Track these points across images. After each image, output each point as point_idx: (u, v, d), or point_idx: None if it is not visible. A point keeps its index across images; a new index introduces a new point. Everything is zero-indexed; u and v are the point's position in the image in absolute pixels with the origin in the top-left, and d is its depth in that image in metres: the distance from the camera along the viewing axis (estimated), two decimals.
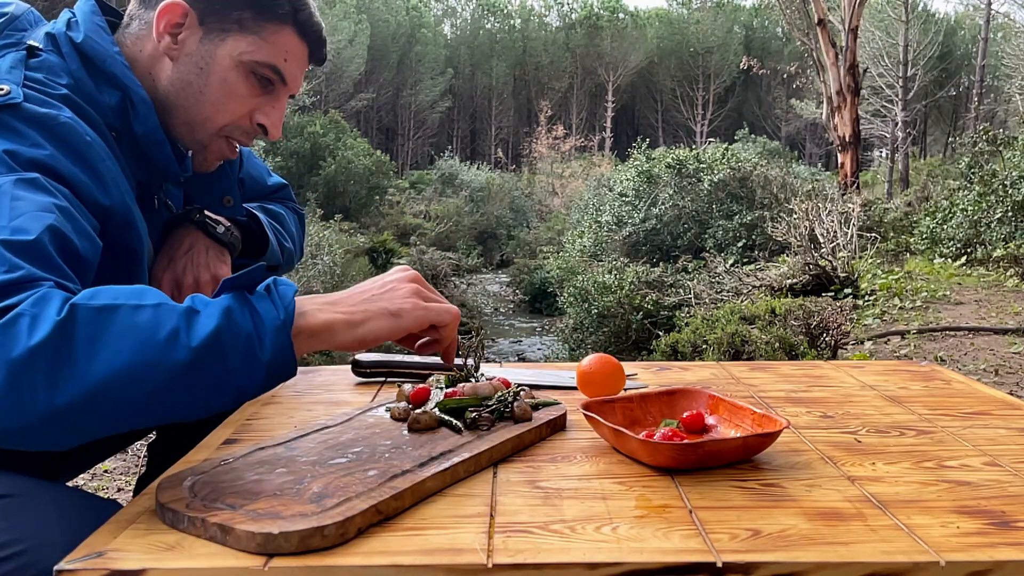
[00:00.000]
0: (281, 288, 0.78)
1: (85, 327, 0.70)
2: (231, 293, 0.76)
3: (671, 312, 7.36)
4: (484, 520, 0.73)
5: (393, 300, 0.83)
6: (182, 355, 0.71)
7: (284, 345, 0.75)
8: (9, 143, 0.84)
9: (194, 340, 0.71)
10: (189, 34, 1.01)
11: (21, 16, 0.98)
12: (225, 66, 1.01)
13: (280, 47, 1.03)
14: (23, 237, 0.77)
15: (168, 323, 0.72)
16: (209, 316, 0.73)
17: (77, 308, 0.71)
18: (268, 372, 0.75)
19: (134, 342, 0.70)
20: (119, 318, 0.71)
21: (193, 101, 1.02)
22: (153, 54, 1.02)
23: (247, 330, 0.74)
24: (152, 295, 0.74)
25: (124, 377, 0.70)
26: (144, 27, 1.02)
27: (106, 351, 0.69)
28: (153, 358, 0.70)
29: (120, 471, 2.77)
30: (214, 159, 1.09)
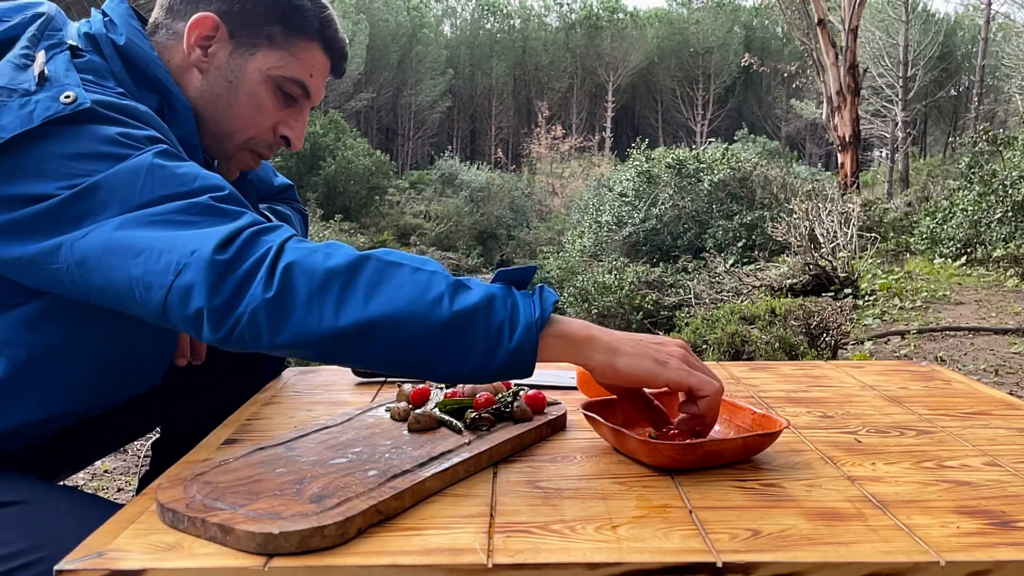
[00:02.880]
0: (546, 293, 0.82)
1: (372, 272, 0.78)
2: (501, 283, 0.82)
3: (671, 312, 7.36)
4: (484, 520, 0.73)
5: (661, 352, 0.85)
6: (441, 317, 0.77)
7: (530, 340, 0.78)
8: (115, 128, 0.85)
9: (455, 307, 0.77)
10: (219, 47, 1.01)
11: (55, 16, 0.97)
12: (254, 80, 1.02)
13: (307, 63, 1.04)
14: (222, 192, 0.84)
15: (438, 288, 0.78)
16: (473, 294, 0.79)
17: (372, 257, 0.80)
18: (508, 360, 0.78)
19: (408, 295, 0.77)
20: (401, 273, 0.79)
21: (222, 113, 1.03)
22: (182, 65, 1.02)
23: (502, 317, 0.78)
24: (433, 264, 0.81)
25: (392, 320, 0.76)
26: (172, 37, 1.02)
27: (385, 295, 0.77)
28: (418, 311, 0.77)
29: (120, 471, 2.77)
30: (237, 169, 1.10)
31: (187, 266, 0.76)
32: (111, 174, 0.81)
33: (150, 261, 0.77)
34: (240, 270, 0.76)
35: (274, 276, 0.76)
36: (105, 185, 0.81)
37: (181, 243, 0.77)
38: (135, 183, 0.81)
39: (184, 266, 0.76)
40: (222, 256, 0.76)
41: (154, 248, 0.78)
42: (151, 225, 0.79)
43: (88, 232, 0.80)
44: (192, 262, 0.76)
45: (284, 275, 0.76)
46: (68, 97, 0.84)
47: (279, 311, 0.76)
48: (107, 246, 0.79)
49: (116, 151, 0.83)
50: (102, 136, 0.84)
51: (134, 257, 0.78)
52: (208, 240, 0.77)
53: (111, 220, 0.80)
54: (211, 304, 0.75)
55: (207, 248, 0.76)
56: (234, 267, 0.76)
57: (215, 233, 0.78)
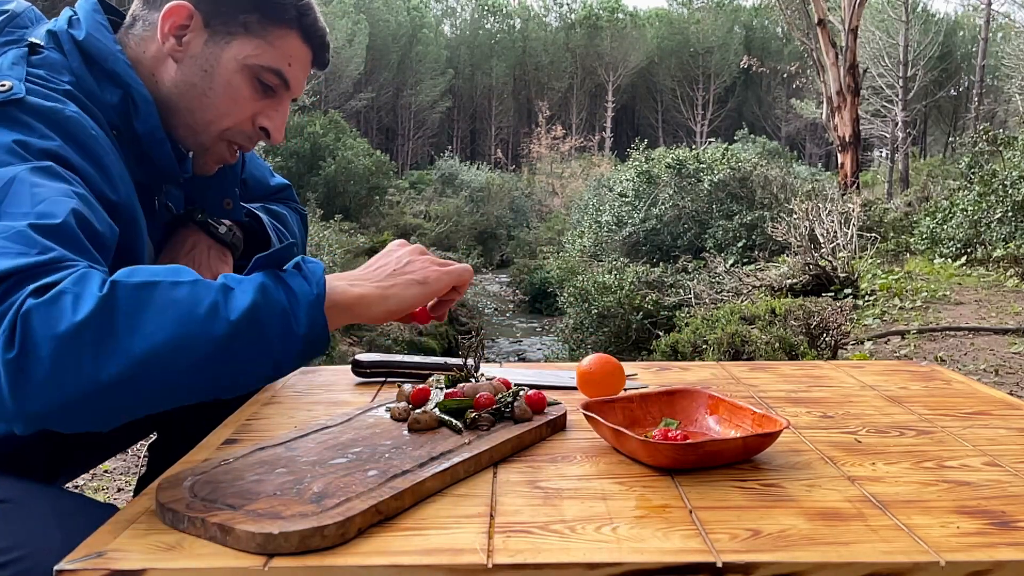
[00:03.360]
0: (310, 265, 0.80)
1: (127, 303, 0.71)
2: (263, 270, 0.78)
3: (671, 312, 7.36)
4: (484, 520, 0.73)
5: (415, 271, 0.88)
6: (222, 328, 0.72)
7: (318, 318, 0.77)
8: (18, 134, 0.84)
9: (232, 314, 0.73)
10: (194, 36, 1.00)
11: (22, 14, 0.97)
12: (230, 69, 1.01)
13: (285, 51, 1.03)
14: (50, 221, 0.77)
15: (206, 298, 0.73)
16: (244, 291, 0.75)
17: (118, 285, 0.72)
18: (304, 345, 0.77)
19: (175, 316, 0.71)
20: (159, 294, 0.72)
21: (197, 103, 1.02)
22: (157, 55, 1.01)
23: (282, 304, 0.76)
24: (187, 273, 0.76)
25: (167, 351, 0.70)
26: (148, 28, 1.02)
27: (148, 325, 0.70)
28: (194, 331, 0.71)
29: (120, 471, 2.77)
30: (214, 163, 1.09)
31: None
32: None
33: None
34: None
35: (15, 331, 0.67)
36: None
37: None
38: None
39: None
40: None
41: None
42: None
43: None
44: None
45: (24, 329, 0.67)
46: (3, 86, 0.85)
47: (22, 373, 0.67)
48: None
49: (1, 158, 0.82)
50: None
51: None
52: None
53: None
54: None
55: None
56: None
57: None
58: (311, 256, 0.88)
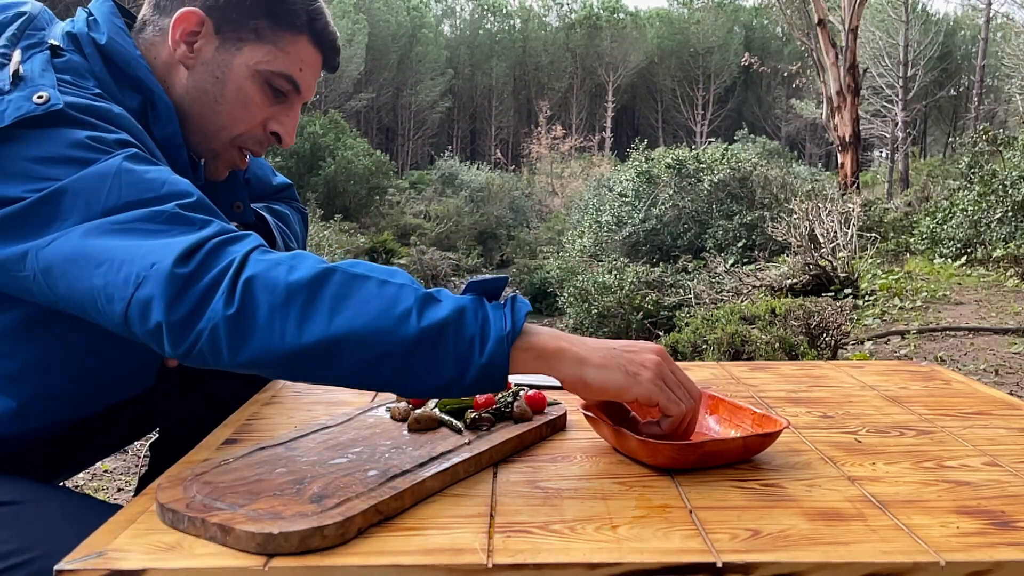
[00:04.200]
0: (518, 304, 0.81)
1: (337, 286, 0.76)
2: (472, 295, 0.80)
3: (671, 312, 7.36)
4: (484, 520, 0.73)
5: (633, 363, 0.82)
6: (409, 332, 0.75)
7: (502, 354, 0.77)
8: (86, 131, 0.84)
9: (423, 322, 0.75)
10: (205, 43, 1.00)
11: (38, 16, 0.96)
12: (241, 75, 1.00)
13: (296, 57, 1.03)
14: (189, 199, 0.82)
15: (406, 302, 0.76)
16: (443, 307, 0.77)
17: (336, 270, 0.78)
18: (479, 374, 0.77)
19: (375, 310, 0.75)
20: (367, 287, 0.77)
21: (209, 110, 1.01)
22: (168, 61, 1.01)
23: (472, 331, 0.77)
24: (401, 276, 0.80)
25: (358, 337, 0.75)
26: (158, 33, 1.01)
27: (350, 311, 0.75)
28: (385, 327, 0.75)
29: (120, 471, 2.77)
30: (225, 168, 1.09)
31: (146, 279, 0.74)
32: (78, 179, 0.80)
33: (111, 272, 0.76)
34: (200, 284, 0.75)
35: (235, 291, 0.74)
36: (71, 190, 0.80)
37: (142, 254, 0.76)
38: (101, 189, 0.80)
39: (144, 279, 0.75)
40: (182, 269, 0.75)
41: (115, 259, 0.76)
42: (114, 234, 0.78)
43: (53, 240, 0.79)
44: (152, 275, 0.74)
45: (245, 290, 0.74)
46: (41, 97, 0.83)
47: (240, 328, 0.74)
48: (70, 255, 0.78)
49: (84, 155, 0.82)
50: (71, 140, 0.83)
51: (96, 267, 0.77)
52: (169, 252, 0.75)
53: (76, 228, 0.79)
54: (170, 319, 0.74)
55: (167, 260, 0.75)
56: (194, 281, 0.75)
57: (177, 244, 0.76)
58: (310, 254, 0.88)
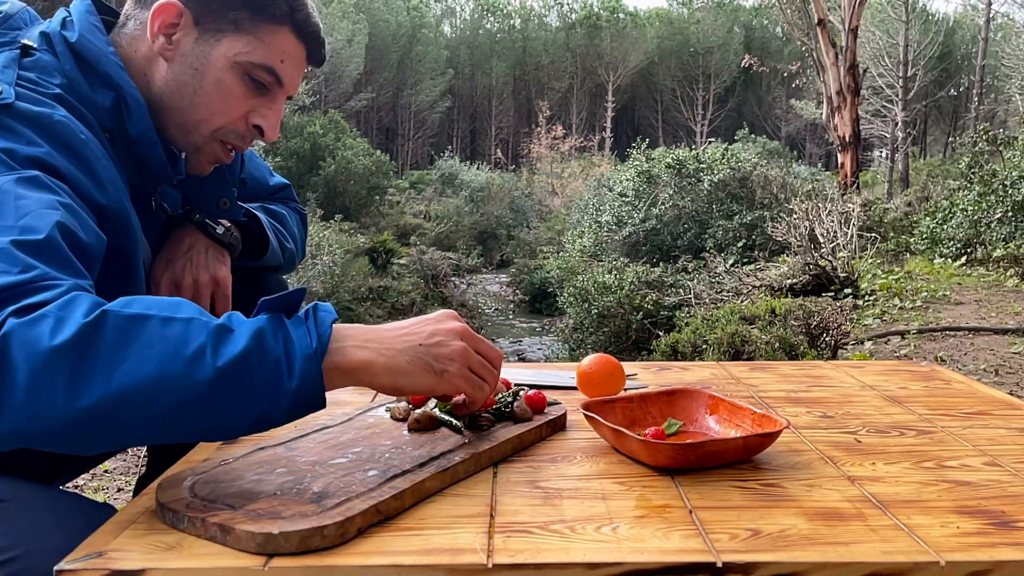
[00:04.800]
0: (320, 314, 0.76)
1: (112, 334, 0.69)
2: (268, 314, 0.74)
3: (671, 312, 7.36)
4: (484, 520, 0.73)
5: (439, 357, 0.81)
6: (206, 374, 0.69)
7: (314, 374, 0.72)
8: (5, 142, 0.83)
9: (220, 360, 0.69)
10: (184, 34, 1.00)
11: (16, 15, 0.97)
12: (220, 67, 1.00)
13: (277, 48, 1.02)
14: (33, 236, 0.76)
15: (196, 339, 0.70)
16: (240, 336, 0.71)
17: (107, 314, 0.70)
18: (294, 400, 0.72)
19: (160, 355, 0.69)
20: (148, 329, 0.70)
21: (188, 102, 1.01)
22: (148, 54, 1.01)
23: (276, 354, 0.71)
24: (187, 309, 0.73)
25: (145, 389, 0.68)
26: (139, 27, 1.01)
27: (130, 361, 0.68)
28: (176, 373, 0.69)
29: (120, 471, 2.77)
30: (208, 162, 1.08)
31: None
32: None
33: None
34: None
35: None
36: None
37: None
38: None
39: None
40: None
41: None
42: None
43: None
44: None
45: (2, 353, 0.66)
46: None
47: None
48: None
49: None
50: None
51: None
52: None
53: None
54: None
55: None
56: None
57: None
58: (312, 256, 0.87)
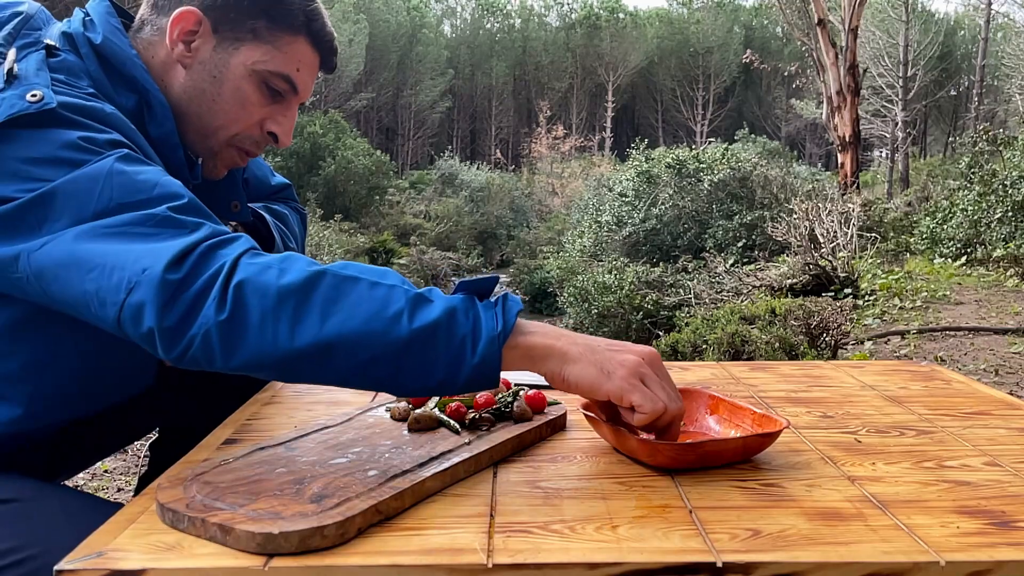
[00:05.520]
0: (509, 303, 0.81)
1: (329, 289, 0.77)
2: (463, 294, 0.80)
3: (671, 312, 7.36)
4: (484, 520, 0.73)
5: (612, 361, 0.82)
6: (401, 334, 0.75)
7: (493, 354, 0.77)
8: (78, 131, 0.84)
9: (415, 324, 0.76)
10: (203, 42, 1.00)
11: (35, 15, 0.96)
12: (238, 75, 1.01)
13: (293, 57, 1.03)
14: (180, 201, 0.82)
15: (397, 303, 0.77)
16: (434, 308, 0.77)
17: (327, 272, 0.78)
18: (472, 374, 0.77)
19: (365, 312, 0.76)
20: (358, 289, 0.77)
21: (206, 109, 1.02)
22: (166, 61, 1.01)
23: (464, 331, 0.77)
24: (392, 277, 0.80)
25: (350, 339, 0.75)
26: (156, 33, 1.01)
27: (341, 314, 0.76)
28: (376, 329, 0.75)
29: (120, 471, 2.77)
30: (223, 167, 1.09)
31: (138, 284, 0.75)
32: (69, 180, 0.81)
33: (103, 277, 0.76)
34: (192, 290, 0.75)
35: (227, 296, 0.75)
36: (62, 192, 0.80)
37: (134, 259, 0.76)
38: (92, 191, 0.80)
39: (135, 284, 0.75)
40: (173, 275, 0.75)
41: (107, 263, 0.77)
42: (106, 237, 0.78)
43: (45, 243, 0.79)
44: (143, 280, 0.75)
45: (236, 295, 0.75)
46: (34, 96, 0.84)
47: (232, 333, 0.74)
48: (62, 260, 0.78)
49: (75, 156, 0.82)
50: (63, 140, 0.83)
51: (88, 272, 0.77)
52: (160, 257, 0.76)
53: (67, 231, 0.79)
54: (162, 325, 0.74)
55: (159, 266, 0.75)
56: (185, 286, 0.75)
57: (168, 248, 0.76)
58: (312, 256, 0.88)
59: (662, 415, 0.82)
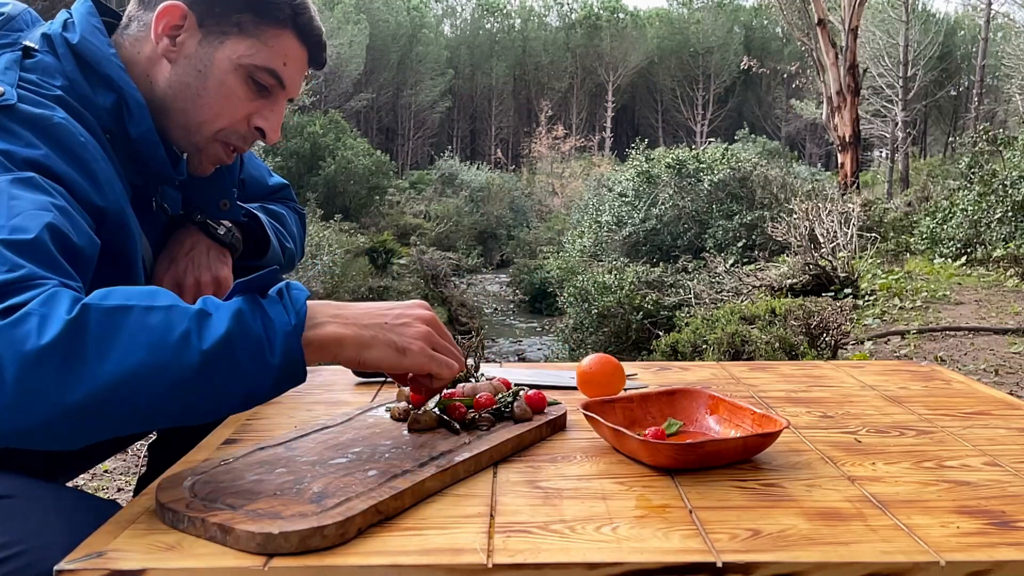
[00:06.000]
0: (294, 292, 0.78)
1: (96, 327, 0.70)
2: (243, 296, 0.76)
3: (671, 312, 7.36)
4: (484, 520, 0.73)
5: (403, 336, 0.83)
6: (193, 358, 0.71)
7: (294, 350, 0.75)
8: (4, 143, 0.84)
9: (205, 343, 0.71)
10: (188, 36, 1.00)
11: (18, 16, 0.97)
12: (223, 69, 1.01)
13: (279, 51, 1.03)
14: (23, 236, 0.76)
15: (180, 325, 0.71)
16: (220, 319, 0.73)
17: (89, 308, 0.71)
18: (278, 376, 0.75)
19: (146, 343, 0.70)
20: (131, 319, 0.71)
21: (191, 104, 1.02)
22: (151, 56, 1.01)
23: (257, 333, 0.74)
24: (164, 296, 0.74)
25: (135, 378, 0.69)
26: (143, 28, 1.02)
27: (117, 351, 0.69)
28: (164, 359, 0.70)
29: (120, 471, 2.77)
30: (209, 163, 1.09)
31: None
32: None
33: None
34: None
35: None
36: None
37: None
38: None
39: None
40: None
41: None
42: None
43: None
44: None
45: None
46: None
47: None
48: None
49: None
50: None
51: None
52: None
53: None
54: None
55: None
56: None
57: None
58: (312, 256, 0.88)
59: (451, 376, 0.86)
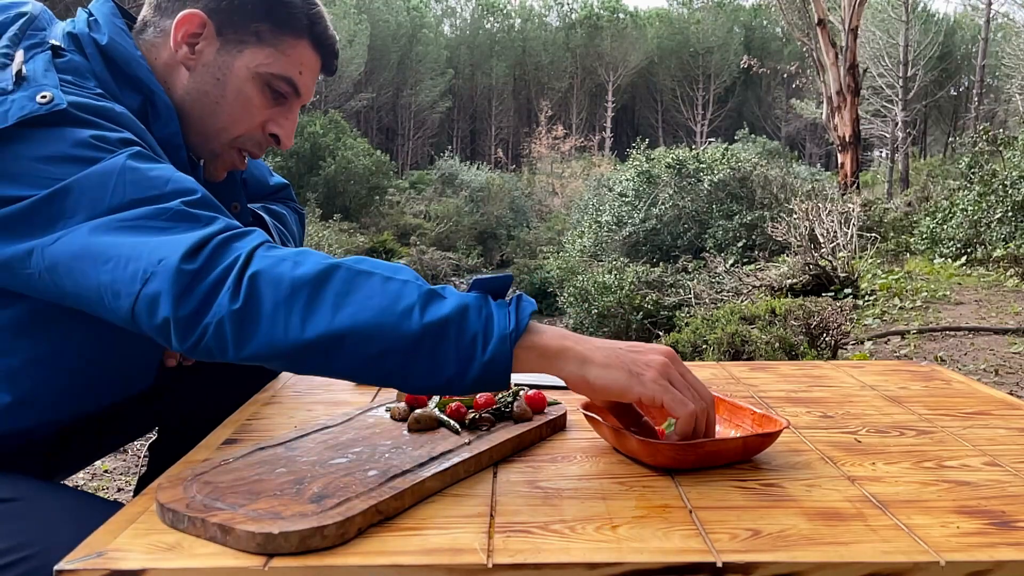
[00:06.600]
0: (523, 303, 0.80)
1: (341, 283, 0.77)
2: (477, 292, 0.81)
3: (671, 312, 7.36)
4: (484, 520, 0.73)
5: (638, 363, 0.81)
6: (411, 328, 0.75)
7: (505, 353, 0.77)
8: (89, 131, 0.85)
9: (426, 318, 0.76)
10: (206, 44, 1.01)
11: (39, 16, 0.97)
12: (242, 77, 1.01)
13: (296, 60, 1.04)
14: (193, 196, 0.83)
15: (409, 298, 0.77)
16: (446, 304, 0.77)
17: (341, 265, 0.79)
18: (481, 373, 0.77)
19: (377, 306, 0.76)
20: (371, 283, 0.78)
21: (209, 111, 1.02)
22: (169, 62, 1.01)
23: (476, 328, 0.77)
24: (406, 272, 0.80)
25: (361, 332, 0.75)
26: (159, 35, 1.02)
27: (352, 307, 0.76)
28: (387, 323, 0.76)
29: (120, 471, 2.77)
30: (224, 169, 1.09)
31: (154, 275, 0.76)
32: (83, 177, 0.81)
33: (118, 269, 0.77)
34: (207, 280, 0.76)
35: (241, 287, 0.76)
36: (77, 189, 0.81)
37: (149, 251, 0.77)
38: (106, 187, 0.81)
39: (151, 275, 0.76)
40: (189, 265, 0.76)
41: (122, 255, 0.77)
42: (121, 231, 0.79)
43: (59, 238, 0.80)
44: (159, 271, 0.76)
45: (250, 285, 0.76)
46: (44, 97, 0.84)
47: (245, 322, 0.75)
48: (77, 252, 0.79)
49: (88, 154, 0.83)
50: (75, 139, 0.83)
51: (103, 264, 0.78)
52: (176, 248, 0.77)
53: (82, 225, 0.80)
54: (177, 314, 0.75)
55: (175, 257, 0.76)
56: (201, 277, 0.76)
57: (184, 240, 0.77)
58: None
59: (697, 416, 0.82)
